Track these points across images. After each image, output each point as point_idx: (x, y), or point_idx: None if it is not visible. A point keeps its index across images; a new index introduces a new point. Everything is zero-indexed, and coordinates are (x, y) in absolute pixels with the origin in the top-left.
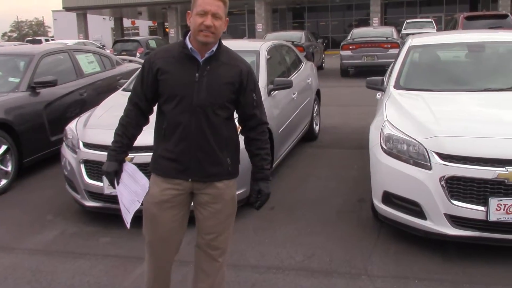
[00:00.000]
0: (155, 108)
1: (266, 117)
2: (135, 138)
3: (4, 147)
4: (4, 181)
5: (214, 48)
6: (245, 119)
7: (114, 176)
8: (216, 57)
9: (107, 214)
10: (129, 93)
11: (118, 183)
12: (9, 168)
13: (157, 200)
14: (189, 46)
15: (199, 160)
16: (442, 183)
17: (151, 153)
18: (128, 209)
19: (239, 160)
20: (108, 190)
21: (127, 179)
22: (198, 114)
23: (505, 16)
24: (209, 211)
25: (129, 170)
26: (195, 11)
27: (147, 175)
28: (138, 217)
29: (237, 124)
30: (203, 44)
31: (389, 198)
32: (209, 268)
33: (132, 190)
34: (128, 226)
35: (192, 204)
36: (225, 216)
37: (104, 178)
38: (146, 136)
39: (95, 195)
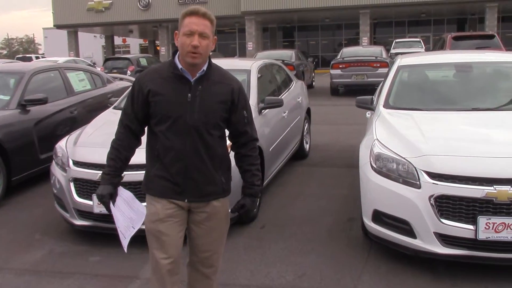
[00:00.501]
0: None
1: (257, 133)
2: (128, 160)
3: None
4: None
5: (205, 67)
6: (236, 136)
7: (109, 199)
8: (207, 76)
9: (97, 233)
10: (119, 111)
11: (114, 207)
12: None
13: (161, 215)
14: (179, 66)
15: (195, 181)
16: (431, 201)
17: (142, 172)
18: (124, 234)
19: (231, 177)
20: (97, 209)
21: (122, 204)
22: (192, 135)
23: (491, 37)
24: (203, 229)
25: (124, 195)
26: (182, 31)
27: (138, 195)
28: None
29: (228, 141)
30: (191, 65)
31: (379, 217)
32: (203, 287)
33: (127, 216)
34: (126, 250)
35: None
36: (220, 233)
37: (94, 197)
38: (137, 154)
39: (84, 213)
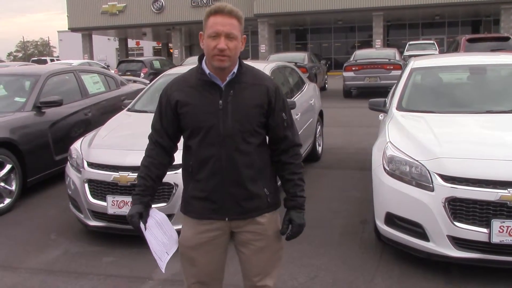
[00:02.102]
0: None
1: (299, 138)
2: (160, 179)
3: (8, 166)
4: (8, 200)
5: (235, 70)
6: (276, 142)
7: (139, 219)
8: (238, 79)
9: (110, 234)
10: (133, 113)
11: (145, 229)
12: (13, 187)
13: (193, 243)
14: (207, 71)
15: (234, 196)
16: (444, 204)
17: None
18: (159, 258)
19: (278, 188)
20: (111, 210)
21: (155, 227)
22: (227, 145)
23: (507, 39)
24: (252, 250)
25: (158, 217)
26: (207, 33)
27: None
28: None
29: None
30: (219, 69)
31: (391, 220)
32: None
33: (160, 240)
34: (164, 271)
35: (234, 244)
36: (271, 253)
37: (108, 198)
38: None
39: (98, 214)
